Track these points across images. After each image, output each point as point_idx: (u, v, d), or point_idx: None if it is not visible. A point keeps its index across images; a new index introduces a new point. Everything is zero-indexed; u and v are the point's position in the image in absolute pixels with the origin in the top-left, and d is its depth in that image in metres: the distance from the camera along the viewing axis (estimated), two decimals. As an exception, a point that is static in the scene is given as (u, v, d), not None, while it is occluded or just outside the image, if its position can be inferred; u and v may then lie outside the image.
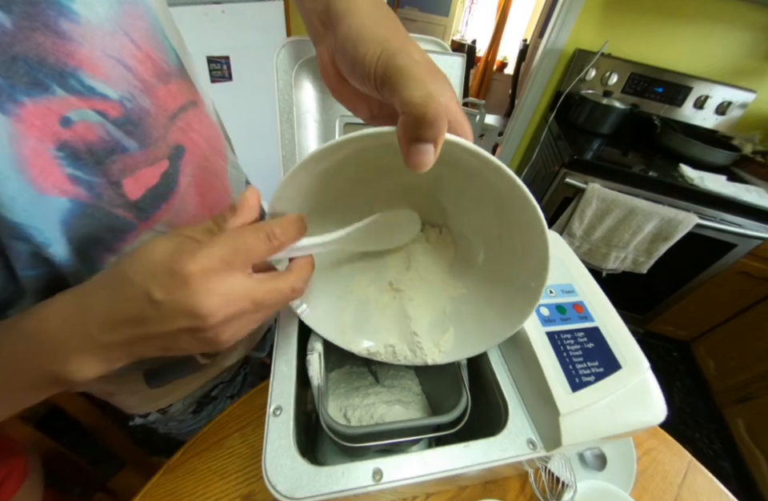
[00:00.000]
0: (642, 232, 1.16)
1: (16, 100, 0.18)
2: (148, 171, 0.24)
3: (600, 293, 0.33)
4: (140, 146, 0.23)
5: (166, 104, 0.25)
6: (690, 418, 1.42)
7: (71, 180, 0.20)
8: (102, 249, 0.23)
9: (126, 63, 0.22)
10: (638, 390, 0.27)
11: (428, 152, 0.17)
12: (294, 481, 0.21)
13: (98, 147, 0.21)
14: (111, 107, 0.21)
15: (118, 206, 0.23)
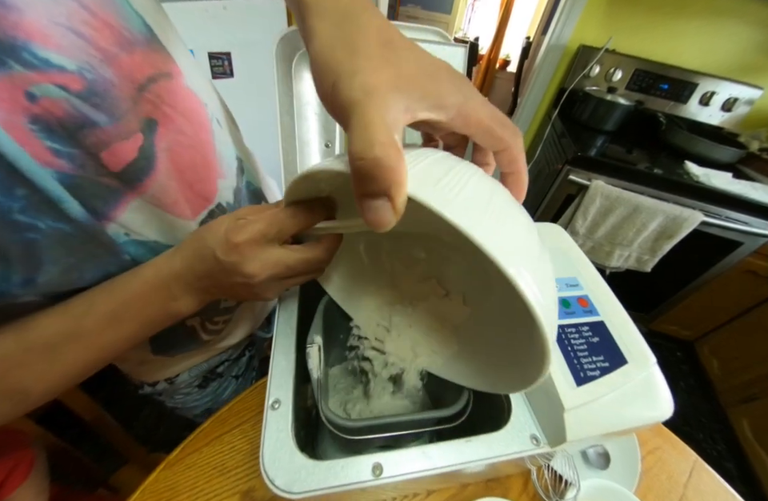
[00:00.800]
0: (646, 230, 1.15)
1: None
2: (124, 145, 0.24)
3: (605, 287, 0.32)
4: (110, 119, 0.22)
5: (132, 75, 0.24)
6: (694, 418, 1.40)
7: (52, 152, 0.21)
8: (99, 216, 0.25)
9: (79, 31, 0.21)
10: (645, 385, 0.27)
11: (380, 209, 0.15)
12: (293, 475, 0.21)
13: (67, 122, 0.21)
14: (72, 80, 0.20)
15: (103, 175, 0.24)
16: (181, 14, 0.83)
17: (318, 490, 0.21)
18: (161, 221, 0.29)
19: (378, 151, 0.14)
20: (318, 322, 0.33)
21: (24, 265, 0.22)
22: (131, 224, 0.27)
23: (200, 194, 0.32)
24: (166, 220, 0.29)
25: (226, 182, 0.36)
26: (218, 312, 0.43)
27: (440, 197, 0.15)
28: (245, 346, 0.55)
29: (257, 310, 0.51)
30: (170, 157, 0.28)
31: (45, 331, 0.24)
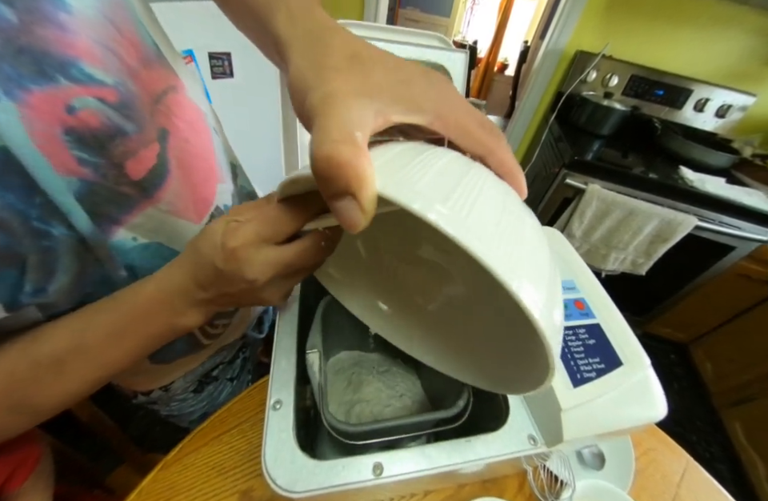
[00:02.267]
0: (641, 233, 1.16)
1: (25, 87, 0.19)
2: (145, 153, 0.26)
3: (601, 290, 0.33)
4: (136, 128, 0.25)
5: (150, 88, 0.27)
6: (687, 420, 1.42)
7: (78, 161, 0.22)
8: (110, 221, 0.26)
9: (115, 50, 0.23)
10: (640, 386, 0.27)
11: (346, 209, 0.15)
12: (294, 474, 0.21)
13: (100, 132, 0.23)
14: (109, 93, 0.23)
15: (123, 184, 0.25)
16: (182, 14, 0.83)
17: (320, 489, 0.21)
18: (172, 226, 0.30)
19: (329, 149, 0.14)
20: (317, 326, 0.33)
21: (38, 273, 0.22)
22: (141, 229, 0.28)
23: (203, 198, 0.33)
24: (177, 225, 0.31)
25: (225, 186, 0.37)
26: (220, 315, 0.43)
27: (422, 195, 0.13)
28: (239, 348, 0.55)
29: (250, 310, 0.52)
30: (179, 164, 0.29)
31: (52, 346, 0.24)
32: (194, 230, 0.32)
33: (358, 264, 0.33)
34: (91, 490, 0.58)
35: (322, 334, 0.32)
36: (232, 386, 0.55)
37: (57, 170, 0.21)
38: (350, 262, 0.32)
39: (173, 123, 0.29)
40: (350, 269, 0.33)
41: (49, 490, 0.43)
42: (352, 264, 0.33)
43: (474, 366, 0.26)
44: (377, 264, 0.33)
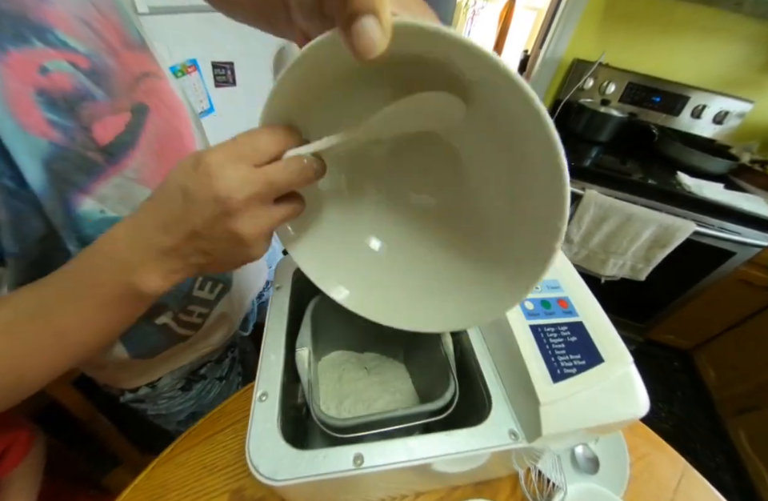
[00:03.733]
0: (639, 239, 1.17)
1: (2, 48, 0.21)
2: (113, 119, 0.27)
3: (586, 289, 0.34)
4: (106, 95, 0.26)
5: (131, 67, 0.29)
6: (691, 429, 1.39)
7: (49, 123, 0.23)
8: (76, 190, 0.26)
9: (93, 26, 0.26)
10: (621, 383, 0.28)
11: (366, 28, 0.14)
12: (276, 463, 0.22)
13: (70, 95, 0.24)
14: (81, 60, 0.25)
15: (90, 149, 0.26)
16: (187, 25, 0.86)
17: (301, 477, 0.21)
18: (140, 199, 0.29)
19: None
20: (307, 324, 0.34)
21: (11, 232, 0.23)
22: (108, 200, 0.28)
23: None
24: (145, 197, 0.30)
25: None
26: (192, 300, 0.41)
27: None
28: (227, 347, 0.55)
29: (235, 305, 0.50)
30: (156, 139, 0.31)
31: (6, 306, 0.22)
32: None
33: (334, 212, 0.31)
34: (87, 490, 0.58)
35: (312, 332, 0.33)
36: (220, 386, 0.55)
37: (29, 131, 0.22)
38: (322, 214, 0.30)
39: (154, 103, 0.31)
40: (321, 223, 0.30)
41: (38, 478, 0.43)
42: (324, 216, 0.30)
43: (462, 293, 0.26)
44: (357, 199, 0.31)
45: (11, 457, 0.41)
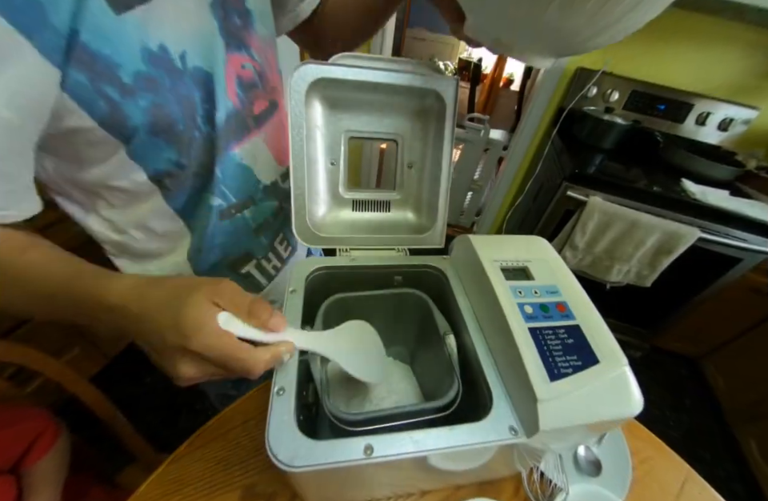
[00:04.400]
0: (644, 245, 1.17)
1: (230, 51, 0.36)
2: (262, 102, 0.43)
3: (583, 295, 0.35)
4: (262, 88, 0.42)
5: (273, 79, 0.44)
6: (700, 437, 1.38)
7: (237, 94, 0.38)
8: (235, 140, 0.40)
9: (265, 50, 0.42)
10: (616, 383, 0.29)
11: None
12: (293, 451, 0.24)
13: (249, 82, 0.39)
14: (257, 66, 0.40)
15: (249, 115, 0.41)
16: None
17: (315, 465, 0.23)
18: (264, 157, 0.45)
19: None
20: (320, 324, 0.36)
21: (178, 153, 0.35)
22: (246, 153, 0.41)
23: (284, 155, 0.48)
24: (268, 158, 0.45)
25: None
26: (272, 250, 0.52)
27: None
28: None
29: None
30: (276, 122, 0.46)
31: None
32: (274, 167, 0.47)
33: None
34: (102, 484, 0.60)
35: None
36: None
37: (228, 95, 0.36)
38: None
39: (280, 104, 0.46)
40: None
41: (65, 467, 0.46)
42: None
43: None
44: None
45: (38, 449, 0.43)
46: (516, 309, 0.32)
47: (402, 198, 0.49)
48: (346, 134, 0.44)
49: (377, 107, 0.43)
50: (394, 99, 0.42)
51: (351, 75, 0.39)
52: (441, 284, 0.43)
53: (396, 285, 0.45)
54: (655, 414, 1.43)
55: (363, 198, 0.47)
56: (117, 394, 1.19)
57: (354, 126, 0.43)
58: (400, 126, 0.44)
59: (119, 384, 1.21)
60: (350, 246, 0.45)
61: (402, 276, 0.44)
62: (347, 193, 0.47)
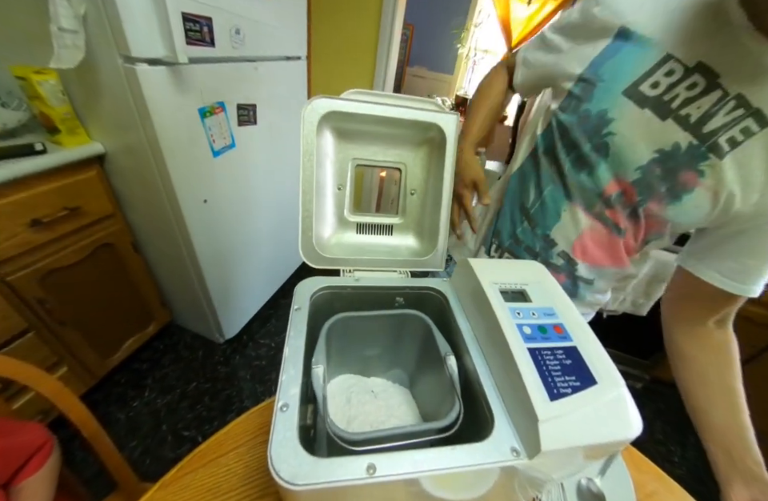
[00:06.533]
0: (638, 274, 1.19)
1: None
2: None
3: (579, 317, 0.36)
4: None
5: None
6: (708, 476, 1.32)
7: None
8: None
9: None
10: (614, 404, 0.29)
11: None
12: (296, 469, 0.24)
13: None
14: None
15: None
16: (222, 73, 0.97)
17: (318, 484, 0.23)
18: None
19: None
20: (322, 343, 0.37)
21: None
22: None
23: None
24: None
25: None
26: None
27: None
28: None
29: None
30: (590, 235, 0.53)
31: None
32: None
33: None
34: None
35: (326, 351, 0.36)
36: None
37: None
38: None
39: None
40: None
41: (54, 484, 0.44)
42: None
43: None
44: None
45: (33, 463, 0.41)
46: (515, 329, 0.33)
47: (404, 223, 0.51)
48: (354, 161, 0.46)
49: (383, 138, 0.46)
50: (399, 131, 0.45)
51: (360, 109, 0.42)
52: (441, 306, 0.44)
53: (397, 306, 0.45)
54: (660, 449, 1.38)
55: (367, 222, 0.49)
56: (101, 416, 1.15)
57: (361, 155, 0.46)
58: (404, 155, 0.48)
59: (104, 406, 1.17)
60: (354, 268, 0.47)
61: (403, 297, 0.45)
62: (352, 216, 0.49)
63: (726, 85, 0.38)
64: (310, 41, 1.43)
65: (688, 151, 0.41)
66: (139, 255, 1.18)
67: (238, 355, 1.42)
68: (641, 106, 0.42)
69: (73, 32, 0.77)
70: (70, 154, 0.88)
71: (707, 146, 0.40)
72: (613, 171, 0.46)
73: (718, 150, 0.39)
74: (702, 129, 0.40)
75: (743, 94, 0.38)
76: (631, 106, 0.42)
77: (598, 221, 0.50)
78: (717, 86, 0.38)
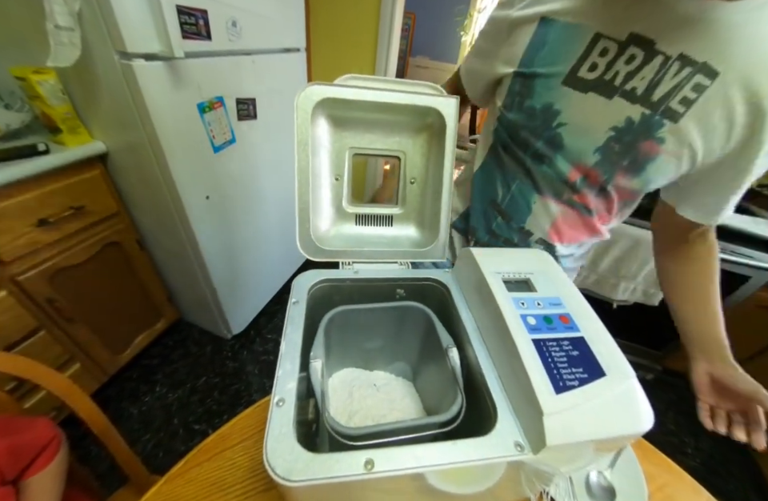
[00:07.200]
0: (649, 263, 1.16)
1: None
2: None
3: (587, 307, 0.35)
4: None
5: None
6: (722, 467, 1.30)
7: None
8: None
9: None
10: (623, 397, 0.28)
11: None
12: (291, 465, 0.23)
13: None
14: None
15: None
16: (218, 67, 0.96)
17: (314, 480, 0.23)
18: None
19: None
20: (321, 337, 0.36)
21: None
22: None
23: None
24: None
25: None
26: None
27: None
28: None
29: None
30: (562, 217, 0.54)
31: None
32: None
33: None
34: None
35: (324, 345, 0.35)
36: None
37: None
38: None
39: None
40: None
41: (63, 481, 0.44)
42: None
43: None
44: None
45: (41, 460, 0.42)
46: (519, 320, 0.32)
47: (404, 213, 0.49)
48: (351, 150, 0.45)
49: (380, 125, 0.44)
50: (397, 118, 0.44)
51: (354, 95, 0.40)
52: (443, 297, 0.43)
53: (398, 298, 0.44)
54: (673, 441, 1.36)
55: (366, 213, 0.48)
56: (114, 411, 1.17)
57: (358, 143, 0.45)
58: (402, 142, 0.46)
59: (117, 402, 1.19)
60: (353, 260, 0.46)
61: (404, 289, 0.44)
62: (350, 207, 0.48)
63: (665, 49, 0.37)
64: (308, 32, 1.41)
65: (642, 123, 0.41)
66: (145, 253, 1.18)
67: (245, 350, 1.43)
68: (584, 92, 0.42)
69: (68, 29, 0.76)
70: (72, 154, 0.88)
71: (660, 113, 0.40)
72: (570, 160, 0.47)
73: (673, 114, 0.40)
74: (650, 98, 0.40)
75: (685, 53, 0.37)
76: (575, 94, 0.42)
77: (568, 206, 0.51)
78: (656, 53, 0.38)
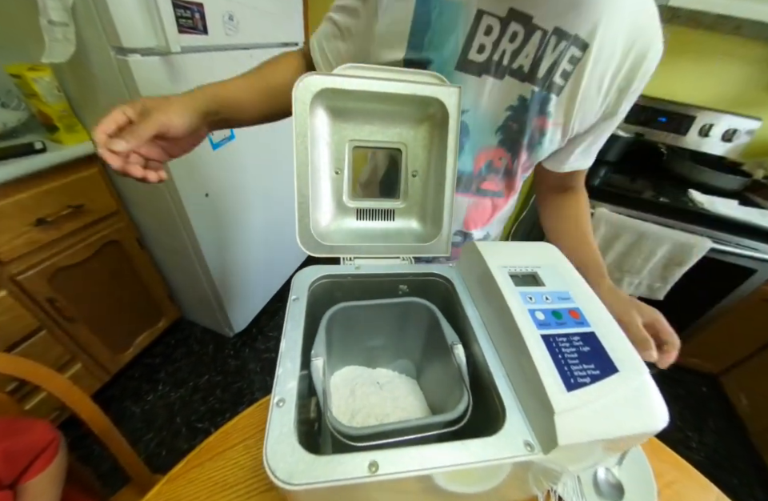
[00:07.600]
0: (654, 257, 1.15)
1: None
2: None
3: (597, 301, 0.34)
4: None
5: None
6: (727, 461, 1.30)
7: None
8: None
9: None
10: (637, 394, 0.27)
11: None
12: (292, 467, 0.22)
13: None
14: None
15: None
16: (215, 61, 0.94)
17: (316, 483, 0.22)
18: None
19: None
20: (322, 335, 0.35)
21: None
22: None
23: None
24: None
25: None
26: None
27: None
28: None
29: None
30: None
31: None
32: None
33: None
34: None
35: (326, 343, 0.34)
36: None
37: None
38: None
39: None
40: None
41: (61, 484, 0.44)
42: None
43: None
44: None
45: (39, 462, 0.41)
46: (527, 315, 0.31)
47: (406, 207, 0.48)
48: (351, 143, 0.44)
49: (380, 116, 0.43)
50: (398, 108, 0.42)
51: (354, 85, 0.39)
52: (447, 292, 0.42)
53: (401, 294, 0.43)
54: (677, 436, 1.35)
55: (367, 207, 0.47)
56: (116, 410, 1.16)
57: (358, 135, 0.44)
58: (404, 134, 0.45)
59: (119, 401, 1.19)
60: (354, 255, 0.44)
61: (407, 285, 0.43)
62: (351, 202, 0.46)
63: (542, 23, 0.38)
64: (307, 26, 1.39)
65: (533, 99, 0.42)
66: (145, 251, 1.18)
67: (247, 348, 1.43)
68: (478, 75, 0.42)
69: (63, 25, 0.75)
70: (69, 152, 0.87)
71: (546, 88, 0.42)
72: (476, 147, 0.48)
73: (556, 88, 0.42)
74: (536, 75, 0.41)
75: (559, 27, 0.38)
76: (470, 79, 0.42)
77: (478, 196, 0.53)
78: (535, 28, 0.38)
